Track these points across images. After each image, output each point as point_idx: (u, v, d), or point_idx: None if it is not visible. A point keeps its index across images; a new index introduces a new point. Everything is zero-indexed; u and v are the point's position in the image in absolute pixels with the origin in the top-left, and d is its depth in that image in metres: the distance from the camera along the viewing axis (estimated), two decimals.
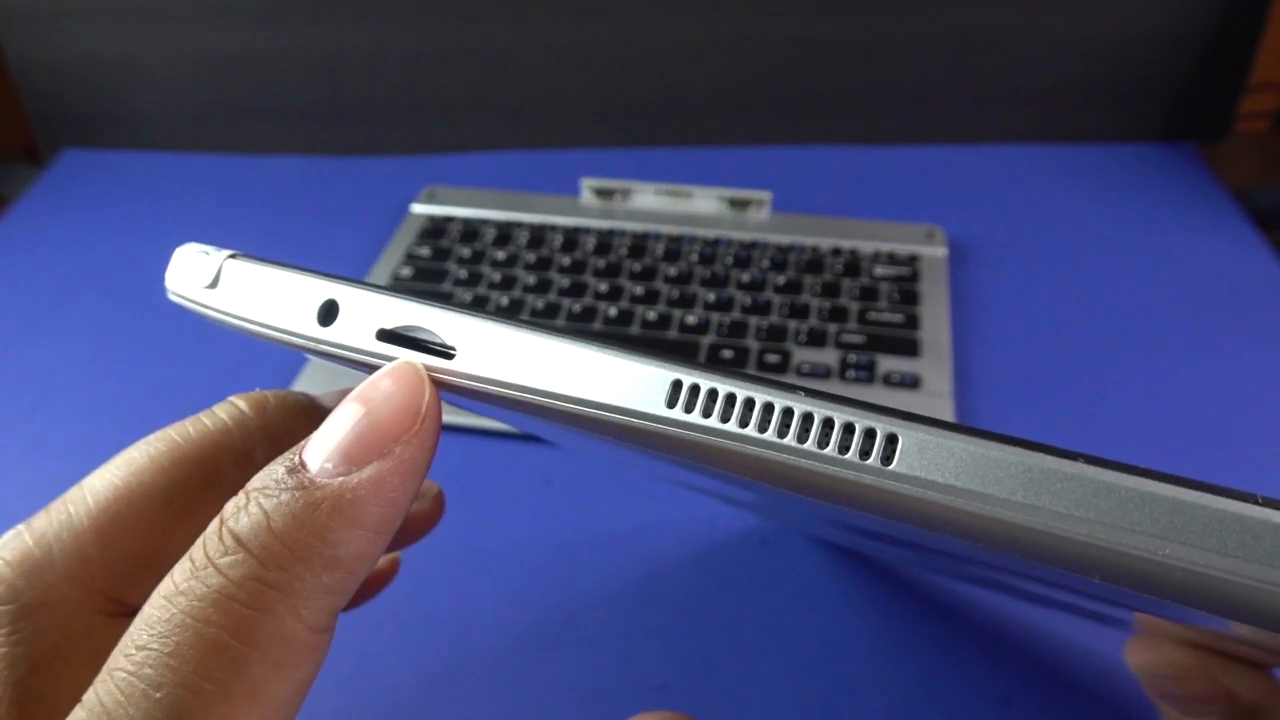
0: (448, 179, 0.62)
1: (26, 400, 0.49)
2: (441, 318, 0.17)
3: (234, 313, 0.19)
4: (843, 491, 0.14)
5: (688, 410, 0.15)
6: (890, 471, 0.14)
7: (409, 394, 0.17)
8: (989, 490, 0.13)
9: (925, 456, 0.14)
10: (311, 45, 0.65)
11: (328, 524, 0.16)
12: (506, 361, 0.17)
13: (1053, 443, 0.14)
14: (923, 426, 0.14)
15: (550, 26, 0.64)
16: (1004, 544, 0.13)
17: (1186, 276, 0.53)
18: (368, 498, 0.16)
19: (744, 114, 0.66)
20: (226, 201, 0.64)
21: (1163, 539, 0.13)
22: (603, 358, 0.16)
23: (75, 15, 0.65)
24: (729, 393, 0.15)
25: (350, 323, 0.18)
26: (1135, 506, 0.13)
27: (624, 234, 0.56)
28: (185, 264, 0.20)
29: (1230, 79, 0.62)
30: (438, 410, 0.17)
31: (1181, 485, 0.13)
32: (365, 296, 0.18)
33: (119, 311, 0.54)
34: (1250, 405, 0.46)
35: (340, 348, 0.18)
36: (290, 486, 0.16)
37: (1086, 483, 0.13)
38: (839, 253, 0.54)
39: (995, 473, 0.13)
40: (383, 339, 0.18)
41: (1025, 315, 0.51)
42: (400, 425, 0.17)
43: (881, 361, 0.47)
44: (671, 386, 0.15)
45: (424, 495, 0.26)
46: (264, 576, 0.16)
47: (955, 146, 0.65)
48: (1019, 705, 0.34)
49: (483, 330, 0.17)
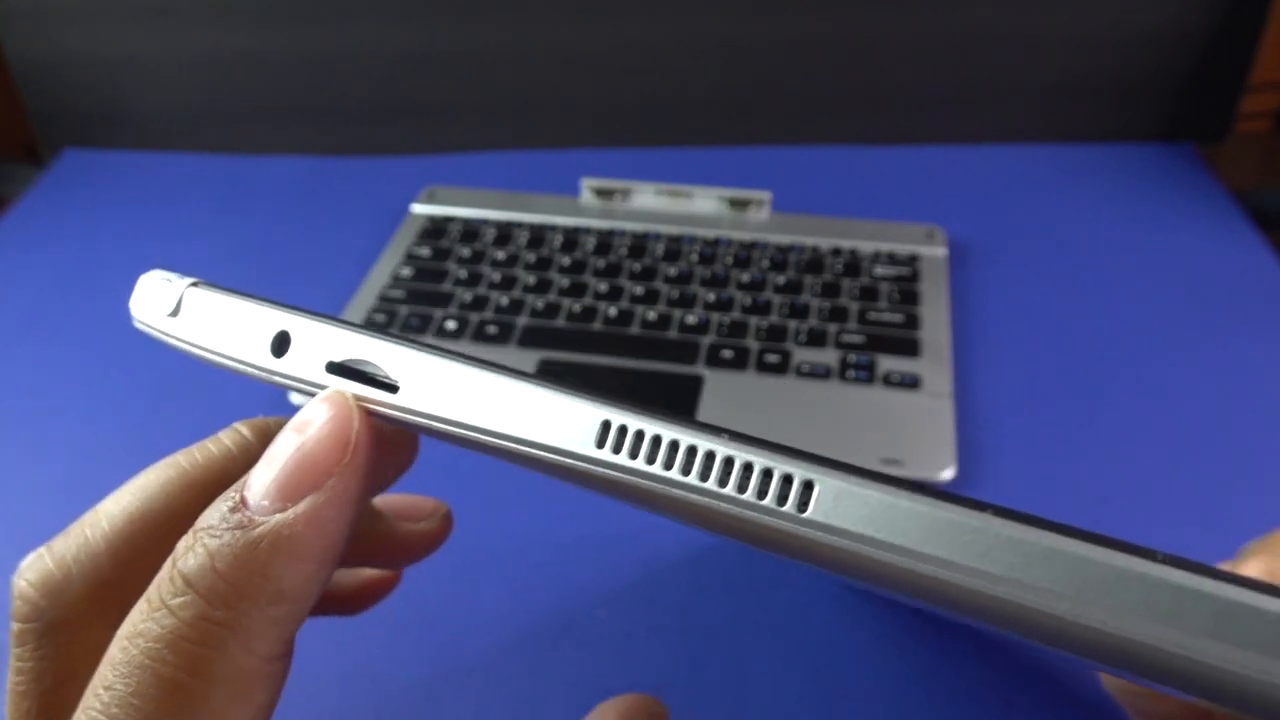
0: (448, 179, 0.62)
1: (26, 400, 0.49)
2: (387, 351, 0.18)
3: (194, 342, 0.19)
4: (760, 536, 0.15)
5: (615, 451, 0.15)
6: (804, 519, 0.14)
7: (338, 426, 0.18)
8: (898, 541, 0.14)
9: (839, 504, 0.14)
10: (311, 45, 0.65)
11: (268, 561, 0.17)
12: (447, 397, 0.17)
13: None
14: (839, 474, 0.14)
15: (550, 27, 0.64)
16: (917, 593, 0.14)
17: (1186, 276, 0.53)
18: (304, 532, 0.17)
19: (744, 114, 0.66)
20: (226, 201, 0.64)
21: (1063, 595, 0.13)
22: (539, 395, 0.16)
23: (75, 15, 0.65)
24: (655, 435, 0.15)
25: (302, 354, 0.18)
26: (1037, 561, 0.13)
27: (624, 234, 0.56)
28: (148, 292, 0.20)
29: (1230, 79, 0.62)
30: (368, 440, 0.18)
31: (1084, 541, 0.13)
32: (317, 328, 0.18)
33: (119, 311, 0.54)
34: (1250, 405, 0.46)
35: (293, 379, 0.18)
36: (231, 525, 0.17)
37: (991, 536, 0.13)
38: (839, 253, 0.54)
39: (905, 523, 0.14)
40: (332, 371, 0.18)
41: (1025, 315, 0.51)
42: (331, 458, 0.17)
43: (881, 361, 0.47)
44: (601, 427, 0.16)
45: (432, 515, 0.26)
46: (212, 616, 0.16)
47: (955, 146, 0.65)
48: (1020, 706, 0.34)
49: (427, 365, 0.17)
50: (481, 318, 0.51)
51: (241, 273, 0.57)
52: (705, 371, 0.47)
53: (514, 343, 0.49)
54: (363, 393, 0.18)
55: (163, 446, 0.22)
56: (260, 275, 0.57)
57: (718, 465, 0.15)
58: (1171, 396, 0.46)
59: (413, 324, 0.50)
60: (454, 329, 0.50)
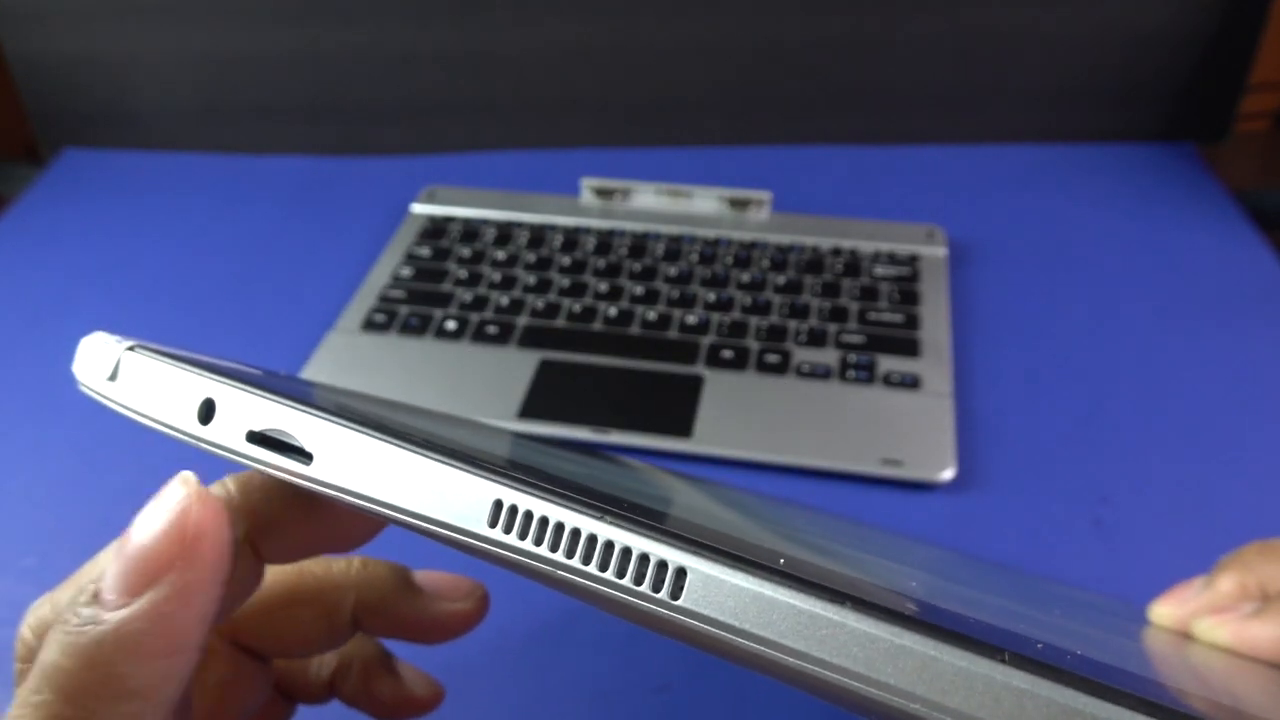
0: (448, 179, 0.62)
1: (26, 400, 0.49)
2: (303, 422, 0.18)
3: (131, 407, 0.19)
4: (641, 619, 0.15)
5: (506, 531, 0.16)
6: (678, 606, 0.14)
7: (173, 518, 0.17)
8: (762, 632, 0.14)
9: (709, 592, 0.14)
10: (311, 45, 0.65)
11: (111, 659, 0.17)
12: (357, 469, 0.17)
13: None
14: (711, 561, 0.14)
15: (550, 26, 0.64)
16: (786, 680, 0.14)
17: (1186, 276, 0.53)
18: (146, 629, 0.17)
19: (744, 114, 0.66)
20: (227, 201, 0.64)
21: (911, 694, 0.13)
22: (439, 471, 0.16)
23: (75, 15, 0.65)
24: (542, 516, 0.15)
25: (226, 422, 0.18)
26: (889, 658, 0.13)
27: (624, 234, 0.56)
28: (89, 355, 0.20)
29: (1230, 79, 0.62)
30: (218, 529, 0.17)
31: (933, 638, 0.13)
32: (240, 396, 0.18)
33: (119, 311, 0.54)
34: (1250, 405, 0.46)
35: (219, 447, 0.18)
36: (82, 620, 0.17)
37: (848, 631, 0.13)
38: (839, 253, 0.54)
39: (769, 615, 0.14)
40: (252, 440, 0.18)
41: (1025, 315, 0.51)
42: (166, 551, 0.17)
43: (881, 361, 0.47)
44: (493, 506, 0.16)
45: (468, 596, 0.26)
46: (63, 714, 0.16)
47: (955, 146, 0.65)
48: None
49: (339, 437, 0.17)
50: (481, 318, 0.51)
51: (241, 273, 0.57)
52: (705, 371, 0.47)
53: (514, 343, 0.49)
54: (278, 462, 0.18)
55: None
56: (260, 275, 0.57)
57: (599, 549, 0.15)
58: (1171, 396, 0.46)
59: (412, 324, 0.50)
60: (454, 329, 0.50)
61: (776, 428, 0.44)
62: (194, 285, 0.56)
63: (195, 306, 0.55)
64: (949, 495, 0.42)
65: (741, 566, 0.14)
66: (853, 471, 0.43)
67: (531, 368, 0.48)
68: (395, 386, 0.47)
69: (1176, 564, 0.26)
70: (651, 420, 0.45)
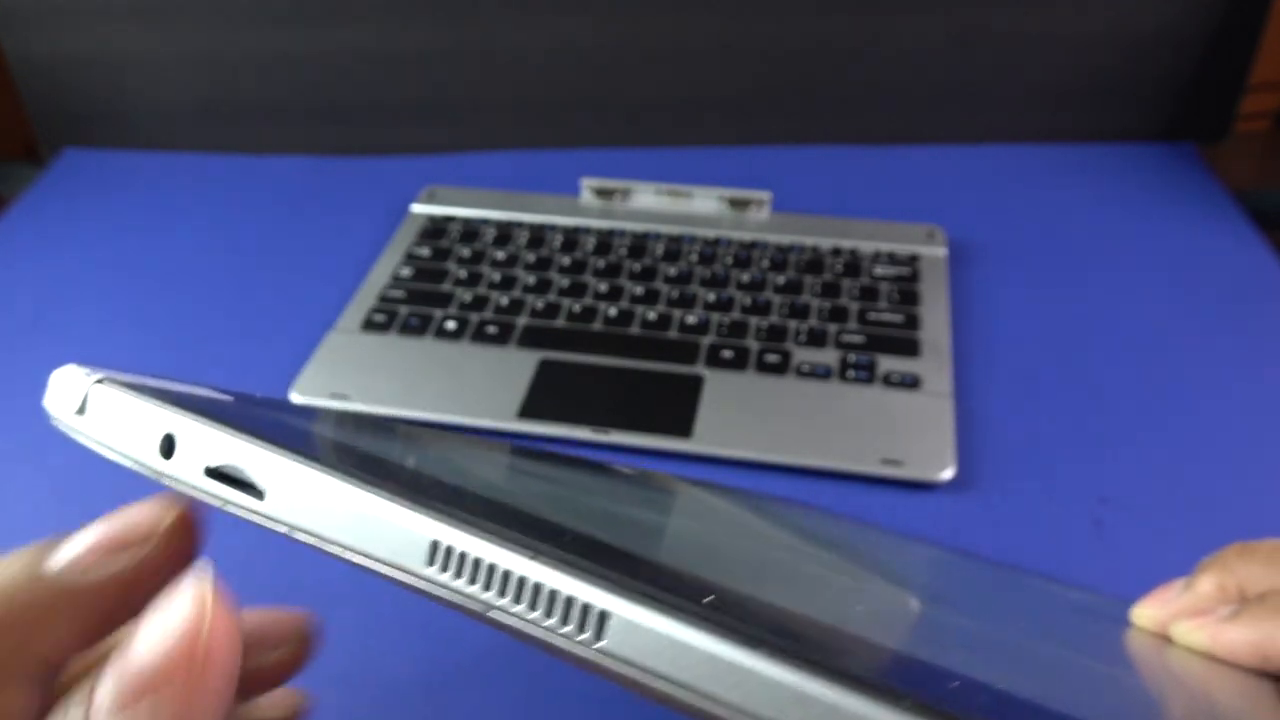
0: (448, 179, 0.62)
1: (25, 401, 0.49)
2: (257, 457, 0.18)
3: (99, 440, 0.20)
4: (570, 660, 0.15)
5: (443, 570, 0.16)
6: (601, 648, 0.15)
7: (184, 626, 0.17)
8: (681, 676, 0.14)
9: (630, 636, 0.14)
10: (312, 45, 0.65)
11: None
12: (307, 506, 0.17)
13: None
14: (634, 603, 0.15)
15: (550, 26, 0.64)
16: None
17: (1186, 276, 0.53)
18: None
19: (744, 114, 0.67)
20: (226, 201, 0.64)
21: None
22: (383, 507, 0.17)
23: (75, 15, 0.65)
24: (476, 558, 0.16)
25: (185, 457, 0.18)
26: (796, 704, 0.13)
27: (624, 234, 0.56)
28: (60, 388, 0.20)
29: (1230, 79, 0.62)
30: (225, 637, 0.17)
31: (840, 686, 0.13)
32: (199, 430, 0.18)
33: (118, 311, 0.54)
34: (1250, 404, 0.46)
35: (180, 482, 0.18)
36: None
37: (757, 678, 0.13)
38: (839, 253, 0.54)
39: (686, 659, 0.14)
40: (210, 476, 0.18)
41: (1025, 315, 0.51)
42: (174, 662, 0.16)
43: (881, 361, 0.47)
44: (430, 547, 0.16)
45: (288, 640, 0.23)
46: None
47: (955, 146, 0.65)
48: None
49: (291, 472, 0.17)
50: (481, 318, 0.51)
51: (242, 273, 0.57)
52: (705, 371, 0.47)
53: (514, 343, 0.49)
54: (233, 498, 0.18)
55: None
56: (261, 275, 0.57)
57: (528, 590, 0.15)
58: (1171, 396, 0.46)
59: (412, 324, 0.50)
60: (454, 329, 0.50)
61: (776, 428, 0.44)
62: (194, 285, 0.56)
63: (195, 307, 0.55)
64: (949, 495, 0.42)
65: (663, 609, 0.14)
66: (853, 471, 0.43)
67: (531, 368, 0.48)
68: (395, 387, 0.47)
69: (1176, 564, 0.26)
70: (651, 420, 0.45)
